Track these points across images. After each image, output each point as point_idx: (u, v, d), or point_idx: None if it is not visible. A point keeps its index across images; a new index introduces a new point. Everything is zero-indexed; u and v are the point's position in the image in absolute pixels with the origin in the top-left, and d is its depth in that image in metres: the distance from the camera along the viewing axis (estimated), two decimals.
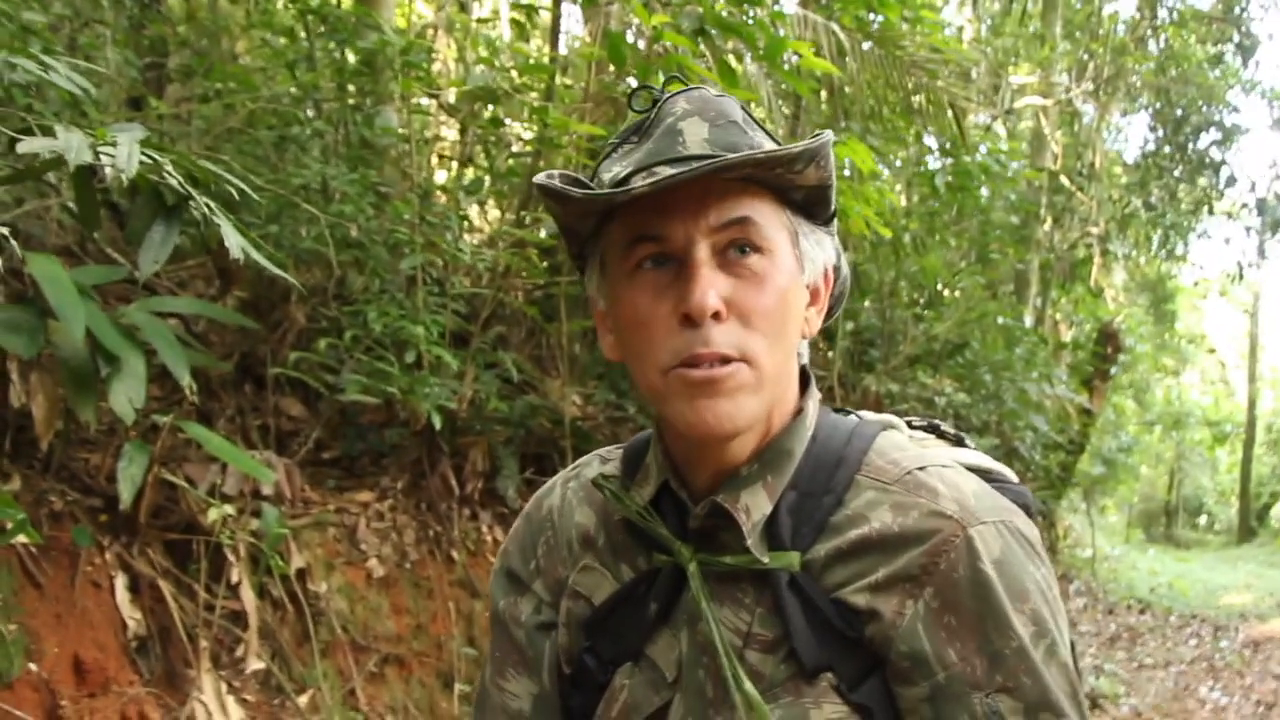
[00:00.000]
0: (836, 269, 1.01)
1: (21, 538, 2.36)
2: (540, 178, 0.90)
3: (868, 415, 1.08)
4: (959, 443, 1.10)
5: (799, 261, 0.93)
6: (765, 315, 0.88)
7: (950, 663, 0.87)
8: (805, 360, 1.01)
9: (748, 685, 0.90)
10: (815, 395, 1.00)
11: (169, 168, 1.90)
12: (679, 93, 0.93)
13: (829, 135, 0.89)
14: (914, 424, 1.12)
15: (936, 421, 1.13)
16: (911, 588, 0.88)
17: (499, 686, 1.09)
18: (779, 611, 0.91)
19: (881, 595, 0.89)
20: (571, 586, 1.05)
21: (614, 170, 0.91)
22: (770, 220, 0.90)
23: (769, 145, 0.91)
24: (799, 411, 0.97)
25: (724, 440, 0.91)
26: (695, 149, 0.88)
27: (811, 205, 0.94)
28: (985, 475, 1.02)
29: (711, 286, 0.86)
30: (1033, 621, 0.88)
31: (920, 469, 0.93)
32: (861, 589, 0.90)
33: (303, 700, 3.05)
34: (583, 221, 0.94)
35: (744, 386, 0.88)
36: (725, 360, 0.87)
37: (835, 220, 0.99)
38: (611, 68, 4.01)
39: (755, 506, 0.92)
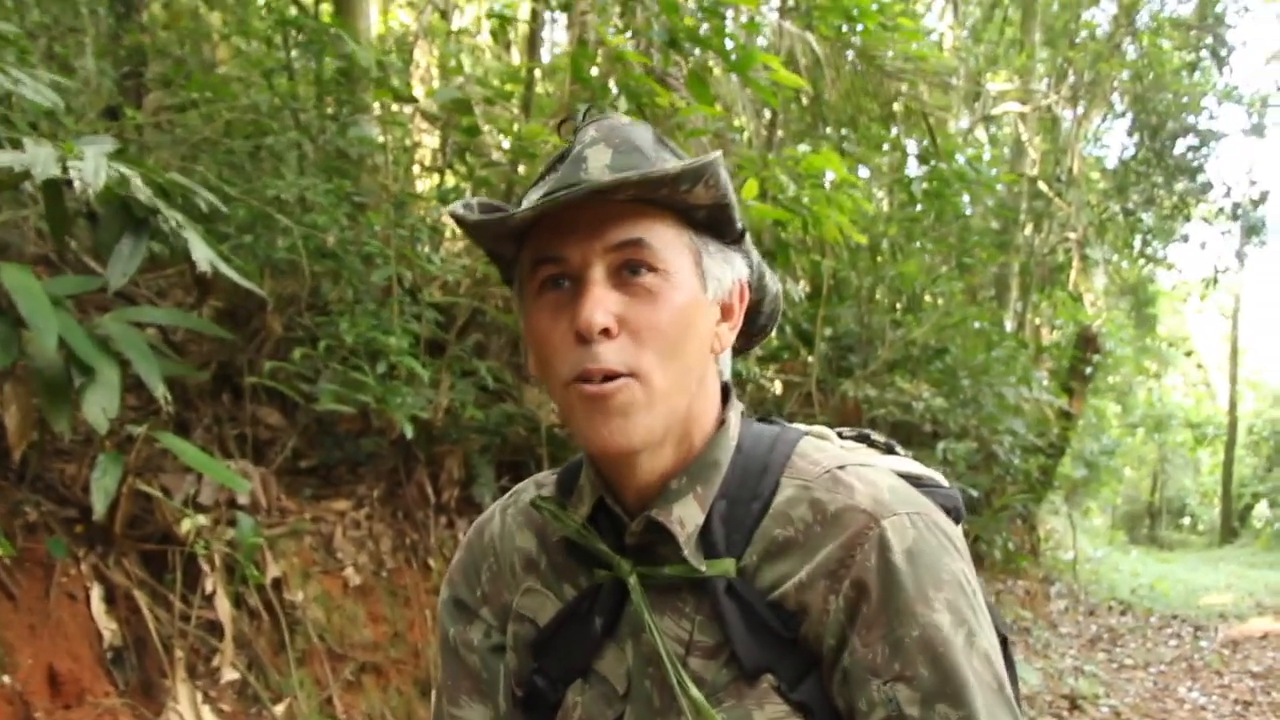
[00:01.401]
0: (756, 284, 1.03)
1: None
2: (454, 206, 0.93)
3: (796, 427, 1.11)
4: (889, 450, 1.12)
5: (702, 280, 0.95)
6: (658, 332, 0.90)
7: (855, 648, 0.89)
8: (727, 375, 1.03)
9: (694, 691, 0.92)
10: (737, 407, 1.02)
11: (137, 181, 1.91)
12: (590, 121, 0.96)
13: (717, 155, 0.91)
14: (844, 434, 1.14)
15: (867, 431, 1.16)
16: (833, 583, 0.91)
17: (453, 715, 1.11)
18: (718, 618, 0.93)
19: (808, 592, 0.92)
20: (516, 610, 1.07)
21: (532, 196, 0.94)
22: (668, 241, 0.92)
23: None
24: (721, 423, 0.99)
25: (626, 456, 0.94)
26: (596, 174, 0.90)
27: (716, 224, 0.96)
28: (914, 480, 1.04)
29: (600, 305, 0.88)
30: (949, 610, 0.89)
31: (840, 468, 0.96)
32: (791, 588, 0.92)
33: (279, 709, 3.05)
34: (501, 246, 0.97)
35: (634, 403, 0.90)
36: (613, 376, 0.89)
37: (746, 237, 1.01)
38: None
39: (688, 518, 0.95)
